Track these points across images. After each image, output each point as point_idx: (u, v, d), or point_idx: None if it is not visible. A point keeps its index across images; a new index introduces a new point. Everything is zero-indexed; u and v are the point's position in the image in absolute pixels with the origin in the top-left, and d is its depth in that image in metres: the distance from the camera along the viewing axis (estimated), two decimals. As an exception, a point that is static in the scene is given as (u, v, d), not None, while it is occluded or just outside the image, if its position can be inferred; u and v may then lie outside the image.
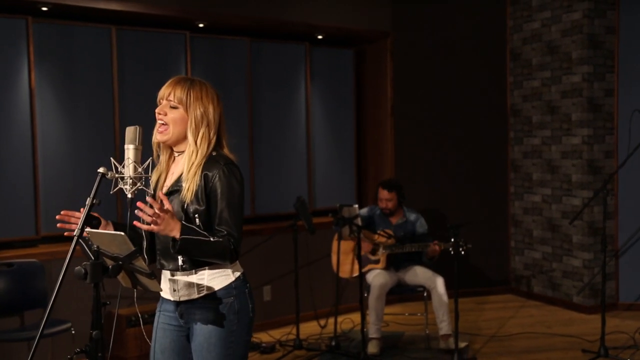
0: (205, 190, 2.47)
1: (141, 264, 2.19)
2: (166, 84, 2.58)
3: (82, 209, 2.37)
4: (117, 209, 5.31)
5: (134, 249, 2.17)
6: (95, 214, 2.52)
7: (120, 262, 2.15)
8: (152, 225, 2.27)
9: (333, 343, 5.27)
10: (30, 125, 4.95)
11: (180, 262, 2.49)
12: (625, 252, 6.31)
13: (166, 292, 2.60)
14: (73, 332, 4.42)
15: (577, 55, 6.38)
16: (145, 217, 2.26)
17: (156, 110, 2.55)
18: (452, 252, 4.94)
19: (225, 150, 2.60)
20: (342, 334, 5.62)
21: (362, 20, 6.50)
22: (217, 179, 2.47)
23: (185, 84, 2.55)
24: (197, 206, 2.46)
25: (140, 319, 4.77)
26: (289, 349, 5.32)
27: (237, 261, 2.59)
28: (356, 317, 6.19)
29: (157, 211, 2.27)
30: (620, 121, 6.33)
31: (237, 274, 2.57)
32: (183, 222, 2.39)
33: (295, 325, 5.42)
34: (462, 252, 4.92)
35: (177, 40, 5.60)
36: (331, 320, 5.80)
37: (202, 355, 2.52)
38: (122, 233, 2.15)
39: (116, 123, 5.33)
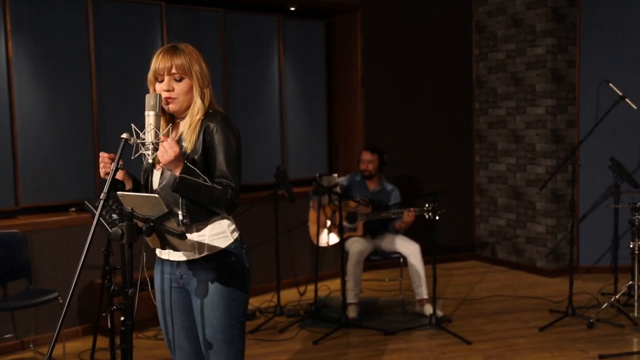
0: (204, 144, 2.52)
1: (172, 225, 2.25)
2: (160, 58, 2.56)
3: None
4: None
5: (167, 210, 2.22)
6: (123, 168, 2.52)
7: (152, 224, 2.20)
8: (168, 152, 2.36)
9: (313, 309, 5.40)
10: (8, 95, 4.90)
11: (180, 217, 2.52)
12: (585, 218, 6.58)
13: (166, 253, 2.64)
14: (61, 301, 4.44)
15: (540, 28, 6.57)
16: (164, 148, 2.36)
17: (163, 89, 2.54)
18: (428, 217, 5.09)
19: (216, 105, 2.67)
20: (320, 300, 5.74)
21: (332, -7, 6.58)
22: (214, 131, 2.53)
23: (180, 53, 2.57)
24: (194, 157, 2.51)
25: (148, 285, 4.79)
26: (270, 315, 5.42)
27: (234, 224, 2.66)
28: (332, 283, 6.34)
29: (168, 142, 2.36)
30: (582, 92, 6.57)
31: (236, 235, 2.65)
32: (186, 163, 2.44)
33: (276, 293, 5.52)
34: (437, 217, 5.08)
35: (152, 10, 5.58)
36: (310, 287, 5.94)
37: (206, 314, 2.60)
38: (157, 195, 2.20)
39: (93, 93, 5.30)
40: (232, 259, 2.61)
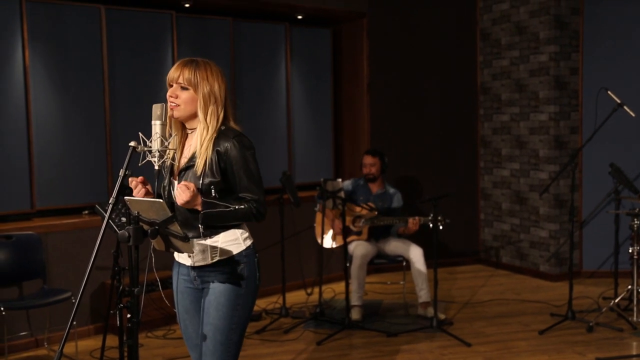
0: (220, 165, 2.68)
1: (176, 228, 2.40)
2: (173, 68, 2.75)
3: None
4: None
5: (171, 214, 2.37)
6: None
7: (157, 227, 2.35)
8: (182, 195, 2.56)
9: (318, 310, 5.53)
10: (24, 101, 5.08)
11: (201, 230, 2.70)
12: (588, 223, 6.68)
13: (182, 257, 2.81)
14: (74, 300, 4.59)
15: (544, 36, 6.69)
16: (178, 191, 2.57)
17: (168, 94, 2.73)
18: (431, 226, 5.22)
19: (232, 123, 2.80)
20: (324, 302, 5.87)
21: (339, 1, 6.71)
22: (229, 152, 2.68)
23: (192, 66, 2.73)
24: (212, 179, 2.67)
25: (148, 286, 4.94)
26: (275, 316, 5.56)
27: (248, 232, 2.83)
28: (337, 286, 6.47)
29: (182, 185, 2.56)
30: (585, 98, 6.68)
31: (248, 242, 2.80)
32: (204, 199, 2.63)
33: (282, 294, 5.66)
34: (441, 227, 5.21)
35: (163, 19, 5.75)
36: (316, 289, 6.07)
37: (209, 312, 2.74)
38: (161, 200, 2.35)
39: (106, 99, 5.47)
40: (242, 265, 2.76)
